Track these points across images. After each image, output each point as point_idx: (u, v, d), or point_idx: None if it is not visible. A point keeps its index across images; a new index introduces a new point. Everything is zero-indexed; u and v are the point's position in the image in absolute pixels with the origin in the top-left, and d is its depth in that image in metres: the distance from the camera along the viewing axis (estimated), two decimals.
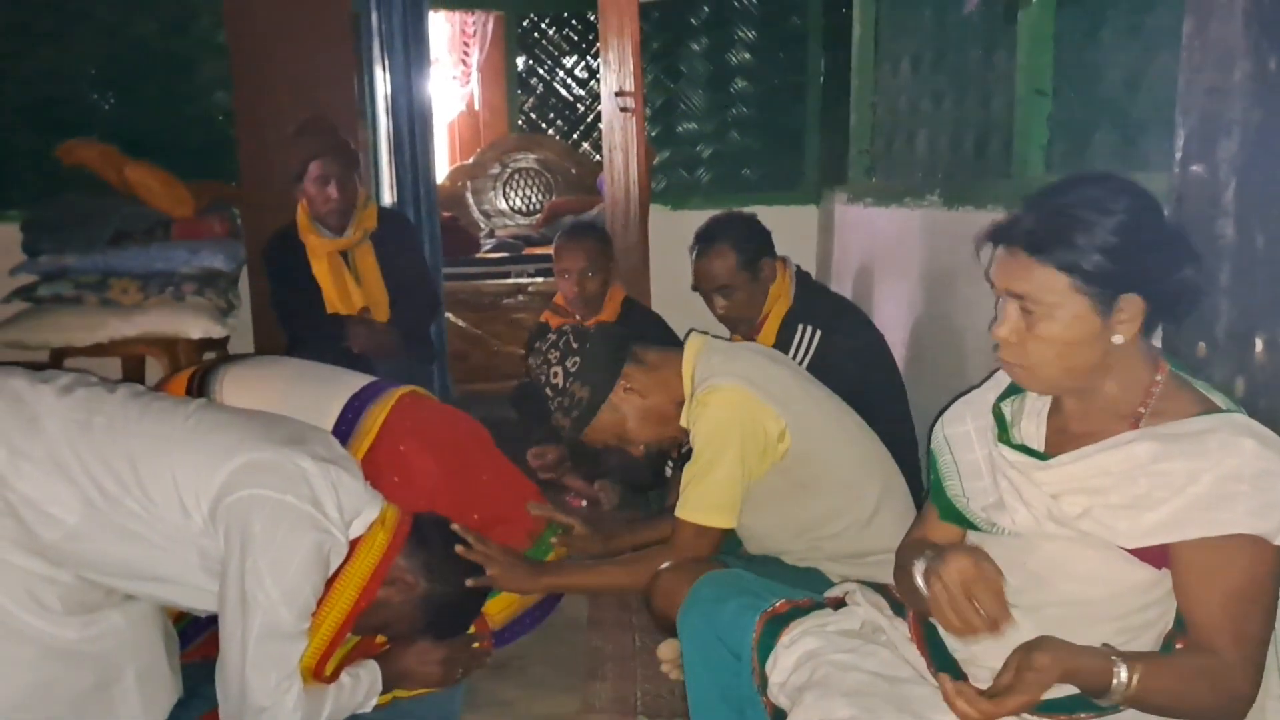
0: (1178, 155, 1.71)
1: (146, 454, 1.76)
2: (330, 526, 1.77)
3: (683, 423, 2.08)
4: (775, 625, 1.56)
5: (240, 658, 1.72)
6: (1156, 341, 1.48)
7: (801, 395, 2.07)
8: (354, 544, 1.83)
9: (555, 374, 2.09)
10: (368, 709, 1.96)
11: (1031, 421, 1.47)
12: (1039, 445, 1.44)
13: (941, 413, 1.56)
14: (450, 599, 1.96)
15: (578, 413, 2.07)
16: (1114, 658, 1.26)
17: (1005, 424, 1.48)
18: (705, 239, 3.03)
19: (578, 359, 2.07)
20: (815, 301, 3.04)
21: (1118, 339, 1.33)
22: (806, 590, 1.68)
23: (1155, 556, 1.32)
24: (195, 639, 2.21)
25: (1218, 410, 1.31)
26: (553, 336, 2.14)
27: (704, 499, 1.99)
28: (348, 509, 1.82)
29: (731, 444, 1.95)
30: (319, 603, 1.80)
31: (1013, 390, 1.51)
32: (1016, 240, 1.35)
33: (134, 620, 1.89)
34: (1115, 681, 1.25)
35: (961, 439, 1.50)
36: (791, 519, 2.06)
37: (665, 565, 2.02)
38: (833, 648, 1.47)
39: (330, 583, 1.81)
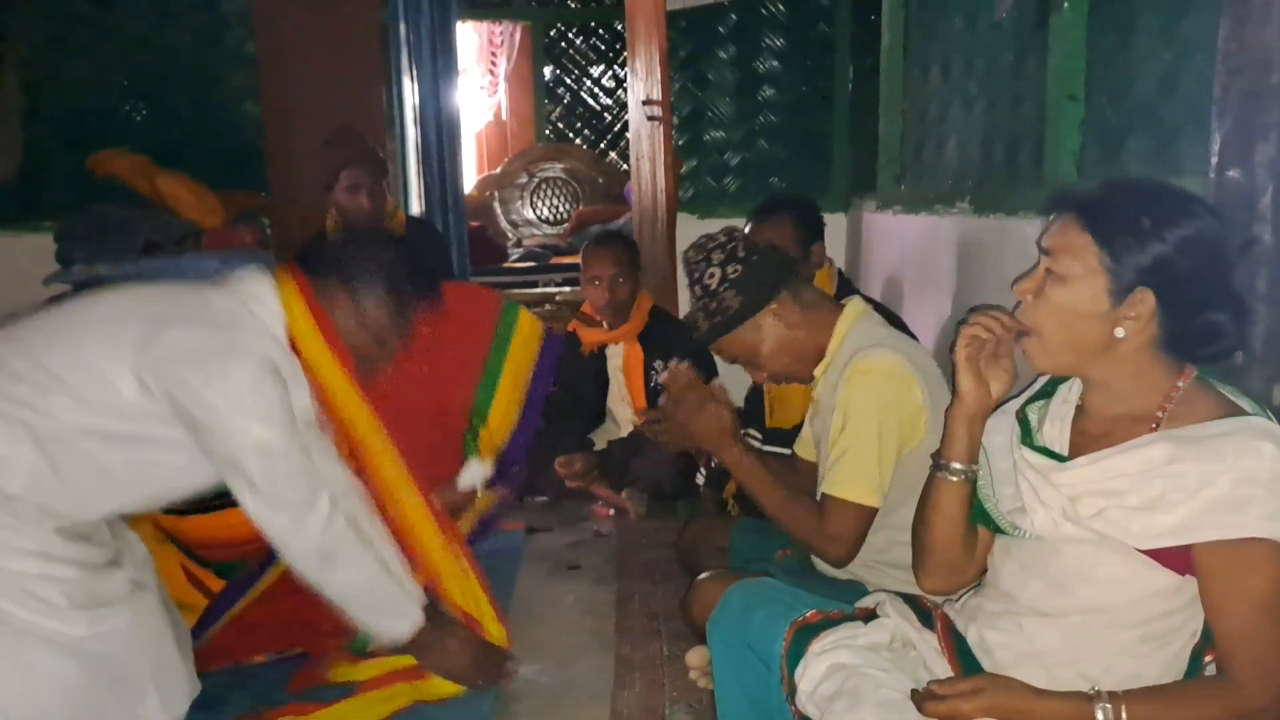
0: (1213, 160, 1.69)
1: (47, 346, 1.74)
2: (254, 335, 1.79)
3: (816, 373, 2.05)
4: (805, 635, 1.55)
5: (267, 502, 1.76)
6: None
7: (943, 395, 2.03)
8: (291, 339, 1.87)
9: (712, 275, 2.04)
10: (393, 634, 1.98)
11: (1055, 426, 1.47)
12: (1062, 449, 1.44)
13: None
14: (388, 288, 1.96)
15: (720, 319, 2.03)
16: (1094, 697, 1.29)
17: (1029, 427, 1.49)
18: (766, 209, 3.04)
19: (739, 267, 2.03)
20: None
21: (1119, 332, 1.34)
22: (839, 602, 1.66)
23: (1176, 561, 1.31)
24: (207, 628, 2.22)
25: (1240, 414, 1.30)
26: (722, 238, 2.09)
27: (858, 475, 1.92)
28: (262, 311, 1.84)
29: (890, 421, 1.91)
30: (326, 402, 1.84)
31: (1040, 395, 1.52)
32: (1073, 205, 1.39)
33: (141, 614, 1.87)
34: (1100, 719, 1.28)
35: (998, 448, 1.51)
36: (883, 516, 1.98)
37: (813, 535, 1.96)
38: (865, 663, 1.46)
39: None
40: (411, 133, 4.49)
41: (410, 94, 4.45)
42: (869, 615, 1.60)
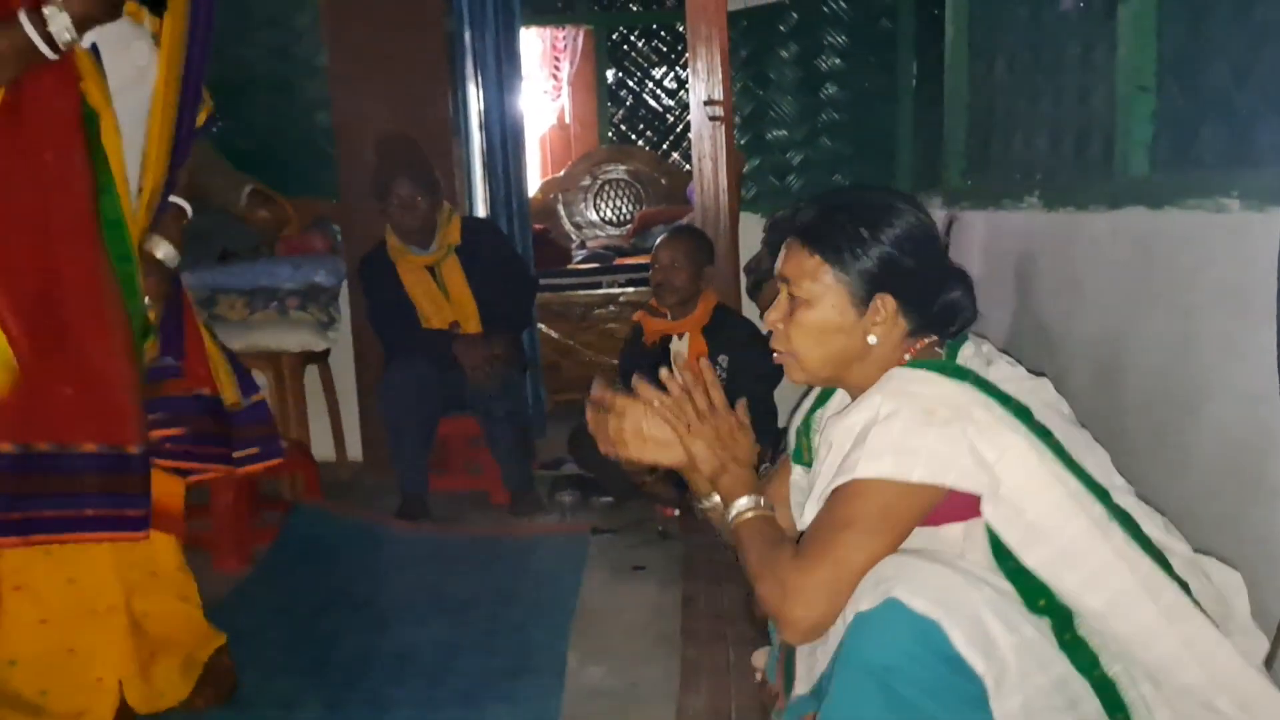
0: None
1: None
2: None
3: None
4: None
5: None
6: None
7: None
8: None
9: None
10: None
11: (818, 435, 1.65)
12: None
13: None
14: None
15: (769, 265, 2.10)
16: (749, 498, 1.55)
17: (805, 440, 1.69)
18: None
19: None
20: None
21: (872, 339, 1.48)
22: None
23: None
24: None
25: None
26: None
27: None
28: None
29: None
30: None
31: (818, 403, 1.70)
32: (794, 231, 1.53)
33: None
34: (729, 514, 1.58)
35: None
36: None
37: None
38: None
39: None
40: (477, 138, 4.54)
41: (475, 100, 4.51)
42: None
